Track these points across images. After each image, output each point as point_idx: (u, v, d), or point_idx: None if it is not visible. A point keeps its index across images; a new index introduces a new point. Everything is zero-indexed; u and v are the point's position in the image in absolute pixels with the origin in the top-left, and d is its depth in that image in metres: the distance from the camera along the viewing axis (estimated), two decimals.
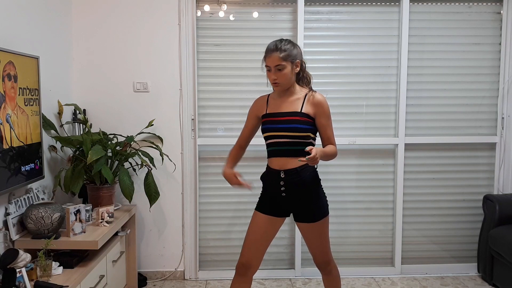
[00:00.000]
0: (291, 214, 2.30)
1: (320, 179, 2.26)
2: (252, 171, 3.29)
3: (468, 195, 3.43)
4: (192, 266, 3.34)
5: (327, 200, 2.28)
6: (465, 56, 3.34)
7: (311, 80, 2.31)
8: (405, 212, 3.40)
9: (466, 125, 3.39)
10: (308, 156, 1.96)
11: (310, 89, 2.26)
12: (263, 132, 2.27)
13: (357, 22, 3.29)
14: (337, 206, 3.38)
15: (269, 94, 2.34)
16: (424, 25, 3.30)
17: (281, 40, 2.18)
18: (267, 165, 2.30)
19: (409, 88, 3.32)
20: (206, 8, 3.24)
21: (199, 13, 3.24)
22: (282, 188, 2.19)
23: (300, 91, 2.24)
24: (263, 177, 2.32)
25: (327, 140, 2.24)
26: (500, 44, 3.33)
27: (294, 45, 2.19)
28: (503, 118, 3.36)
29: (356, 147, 3.35)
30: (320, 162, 2.16)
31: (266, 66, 2.18)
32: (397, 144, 3.34)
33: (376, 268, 3.42)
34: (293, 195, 2.19)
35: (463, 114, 3.38)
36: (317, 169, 2.26)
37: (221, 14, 3.25)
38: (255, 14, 3.26)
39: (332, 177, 3.34)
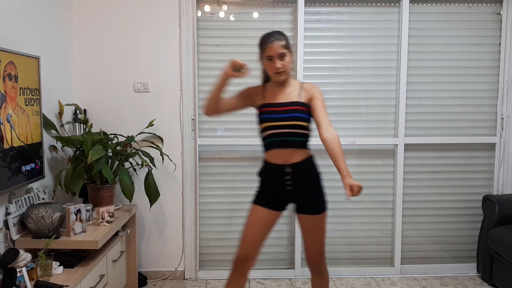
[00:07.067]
0: (293, 207, 2.30)
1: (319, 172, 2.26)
2: (251, 171, 3.32)
3: (468, 195, 3.44)
4: (192, 265, 3.35)
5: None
6: (465, 57, 3.34)
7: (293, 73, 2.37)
8: (404, 212, 3.40)
9: (465, 125, 3.40)
10: (349, 196, 1.92)
11: (300, 82, 2.28)
12: (261, 122, 2.21)
13: (357, 22, 3.29)
14: (337, 206, 3.39)
15: (263, 85, 2.30)
16: (424, 25, 3.31)
17: (276, 32, 2.19)
18: (265, 159, 2.25)
19: (409, 89, 3.33)
20: (207, 8, 3.24)
21: (199, 14, 3.24)
22: (288, 182, 2.17)
23: (294, 82, 2.26)
24: (262, 173, 2.28)
25: (319, 121, 2.12)
26: (499, 44, 3.34)
27: (286, 35, 2.21)
28: (502, 118, 3.37)
29: (356, 147, 3.36)
30: (320, 162, 2.17)
31: (267, 56, 2.15)
32: (396, 145, 3.35)
33: (376, 268, 3.42)
34: (299, 188, 2.18)
35: (462, 114, 3.39)
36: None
37: (222, 14, 3.26)
38: (255, 15, 3.27)
39: (333, 177, 3.34)
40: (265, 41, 2.16)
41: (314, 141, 2.31)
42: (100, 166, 2.67)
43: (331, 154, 2.02)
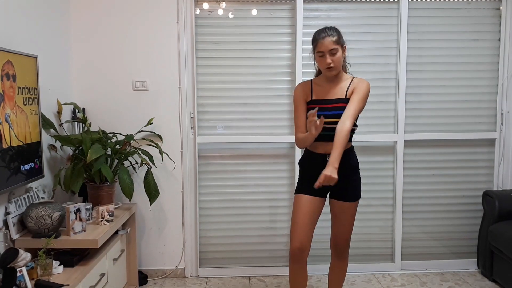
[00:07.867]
0: (329, 193, 2.40)
1: (359, 163, 2.38)
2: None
3: (468, 191, 3.44)
4: (193, 264, 3.35)
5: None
6: (464, 52, 3.34)
7: (349, 67, 2.41)
8: (404, 208, 3.41)
9: (465, 121, 3.39)
10: (319, 183, 2.07)
11: (353, 76, 2.33)
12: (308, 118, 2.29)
13: (356, 19, 3.28)
14: None
15: (311, 80, 2.38)
16: (423, 21, 3.30)
17: (328, 28, 2.24)
18: (308, 149, 2.37)
19: (408, 85, 3.32)
20: (205, 5, 3.23)
21: (197, 11, 3.23)
22: None
23: (346, 77, 2.32)
24: (303, 161, 2.39)
25: (344, 112, 2.19)
26: (499, 40, 3.33)
27: (339, 30, 2.26)
28: (502, 114, 3.37)
29: (356, 144, 3.34)
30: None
31: (318, 52, 2.23)
32: (396, 141, 3.34)
33: (376, 265, 3.43)
34: (338, 177, 2.23)
35: (462, 110, 3.38)
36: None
37: (220, 11, 3.24)
38: (254, 12, 3.26)
39: None
40: (317, 37, 2.23)
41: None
42: (100, 165, 2.67)
43: (333, 142, 2.14)
